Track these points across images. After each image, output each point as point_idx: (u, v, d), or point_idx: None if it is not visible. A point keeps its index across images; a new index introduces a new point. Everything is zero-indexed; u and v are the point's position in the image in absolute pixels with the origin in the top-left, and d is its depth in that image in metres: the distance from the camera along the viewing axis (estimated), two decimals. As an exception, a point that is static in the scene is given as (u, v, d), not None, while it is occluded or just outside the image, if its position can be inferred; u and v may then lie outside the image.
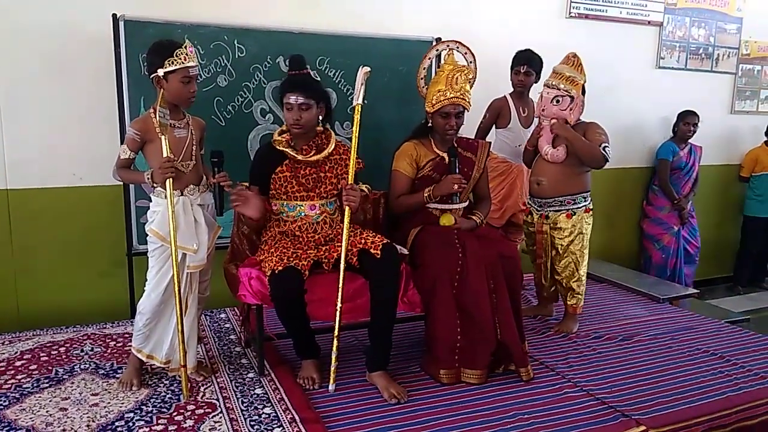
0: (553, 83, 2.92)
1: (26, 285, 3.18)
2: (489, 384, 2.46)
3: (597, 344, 2.91)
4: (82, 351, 2.72)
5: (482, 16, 4.06)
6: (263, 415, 2.19)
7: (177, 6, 3.22)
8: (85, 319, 3.12)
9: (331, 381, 2.38)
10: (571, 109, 2.91)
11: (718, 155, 5.19)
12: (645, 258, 4.83)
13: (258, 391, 2.38)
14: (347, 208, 2.37)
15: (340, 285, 2.33)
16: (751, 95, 5.27)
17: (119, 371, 2.50)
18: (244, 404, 2.27)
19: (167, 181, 2.19)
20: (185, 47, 2.24)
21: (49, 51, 3.05)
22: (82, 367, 2.56)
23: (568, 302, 3.09)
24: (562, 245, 3.00)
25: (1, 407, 2.20)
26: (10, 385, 2.38)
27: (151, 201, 2.38)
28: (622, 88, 4.64)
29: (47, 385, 2.39)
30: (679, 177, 4.66)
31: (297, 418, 2.16)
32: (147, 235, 2.34)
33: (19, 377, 2.45)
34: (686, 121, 4.59)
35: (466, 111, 2.65)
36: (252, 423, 2.14)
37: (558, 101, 2.91)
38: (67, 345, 2.77)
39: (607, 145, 2.90)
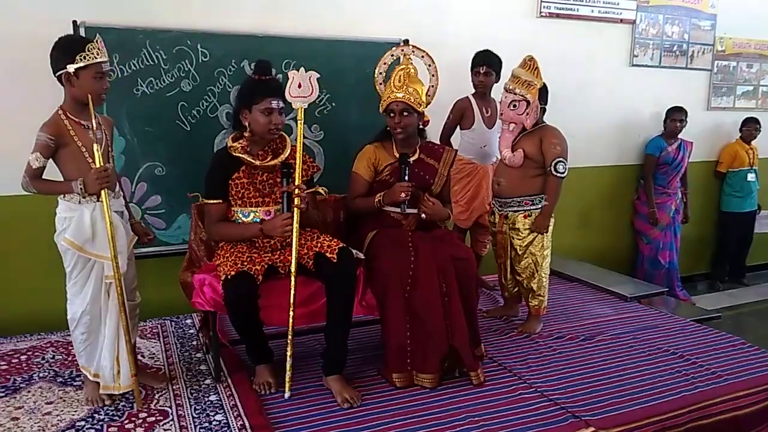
0: (510, 87, 2.93)
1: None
2: (443, 387, 2.47)
3: (558, 344, 2.93)
4: (43, 359, 2.73)
5: (452, 16, 4.05)
6: (214, 422, 2.21)
7: (138, 12, 3.21)
8: (54, 326, 3.12)
9: (287, 388, 2.39)
10: (527, 114, 2.91)
11: (695, 152, 5.18)
12: (637, 254, 4.88)
13: (212, 397, 2.39)
14: (296, 211, 2.37)
15: (292, 289, 2.34)
16: (727, 91, 5.28)
17: (77, 379, 2.50)
18: (197, 411, 2.28)
19: (103, 190, 2.14)
20: (97, 42, 2.17)
21: (11, 58, 3.04)
22: (41, 375, 2.57)
23: (530, 303, 3.10)
24: (520, 245, 3.02)
25: (-47, 417, 2.22)
26: (-35, 395, 2.39)
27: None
28: (596, 87, 4.64)
29: (3, 394, 2.40)
30: (667, 172, 4.69)
31: (247, 424, 2.17)
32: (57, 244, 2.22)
33: (-25, 386, 2.46)
34: (673, 117, 4.64)
35: (413, 110, 2.64)
36: (201, 430, 2.15)
37: (515, 106, 2.92)
38: (30, 353, 2.78)
39: (560, 160, 2.91)
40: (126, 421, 2.20)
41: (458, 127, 3.60)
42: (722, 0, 5.06)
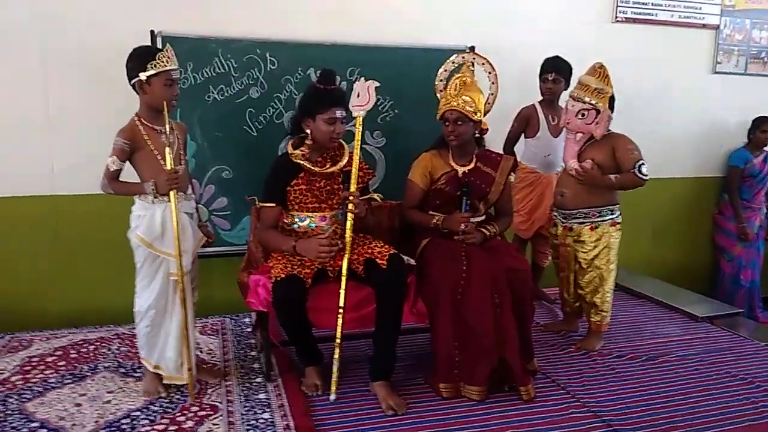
0: (579, 95, 2.81)
1: (70, 285, 3.40)
2: (491, 400, 2.43)
3: (617, 364, 2.81)
4: (109, 350, 2.89)
5: (522, 22, 3.97)
6: (260, 420, 2.26)
7: (211, 22, 3.35)
8: (122, 319, 3.30)
9: (332, 390, 2.42)
10: (597, 123, 2.80)
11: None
12: (717, 272, 4.60)
13: (261, 396, 2.45)
14: (349, 216, 2.40)
15: (342, 293, 2.37)
16: (820, 100, 4.89)
17: (138, 370, 2.63)
18: (246, 408, 2.35)
19: (172, 191, 2.26)
20: (167, 50, 2.29)
21: (94, 67, 3.24)
22: (105, 365, 2.72)
23: (591, 319, 2.99)
24: (585, 259, 2.91)
25: (25, 400, 2.38)
26: (37, 380, 2.56)
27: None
28: (675, 95, 4.43)
29: (70, 381, 2.56)
30: (752, 185, 4.43)
31: (291, 424, 2.21)
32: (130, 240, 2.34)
33: (47, 372, 2.63)
34: (763, 128, 4.38)
35: (468, 118, 2.61)
36: (248, 427, 2.21)
37: (583, 115, 2.81)
38: (98, 344, 2.96)
39: (642, 162, 2.78)
40: (178, 414, 2.29)
41: (523, 136, 3.54)
42: (818, 2, 4.71)
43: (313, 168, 2.51)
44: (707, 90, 4.53)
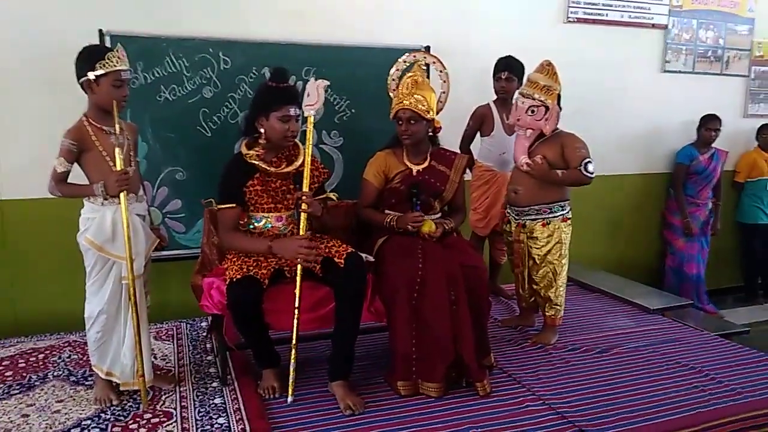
0: (528, 92, 2.85)
1: (21, 292, 3.29)
2: (449, 396, 2.44)
3: (572, 356, 2.86)
4: (59, 358, 2.80)
5: (477, 24, 4.02)
6: (216, 425, 2.22)
7: (162, 21, 3.28)
8: (73, 326, 3.21)
9: (290, 392, 2.40)
10: (546, 120, 2.85)
11: (731, 160, 5.01)
12: (663, 265, 4.71)
13: (217, 400, 2.42)
14: (303, 216, 2.38)
15: (298, 293, 2.35)
16: (765, 98, 5.08)
17: (90, 378, 2.56)
18: (201, 414, 2.31)
19: (122, 193, 2.21)
20: (117, 50, 2.24)
21: (39, 65, 3.14)
22: (56, 374, 2.64)
23: (546, 313, 3.04)
24: (539, 255, 2.96)
25: (-32, 412, 2.29)
26: (-18, 391, 2.47)
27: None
28: (626, 93, 4.54)
29: (17, 391, 2.47)
30: (697, 181, 4.52)
31: (248, 428, 2.18)
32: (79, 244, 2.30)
33: (-7, 383, 2.54)
34: (708, 126, 4.47)
35: (421, 117, 2.62)
36: (202, 432, 2.18)
37: (533, 111, 2.85)
38: (47, 352, 2.87)
39: (588, 160, 2.83)
40: (131, 422, 2.24)
41: (479, 134, 3.58)
42: (761, 4, 4.89)
43: (268, 168, 2.48)
44: (657, 88, 4.66)
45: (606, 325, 3.29)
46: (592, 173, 2.83)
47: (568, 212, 2.97)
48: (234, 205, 2.48)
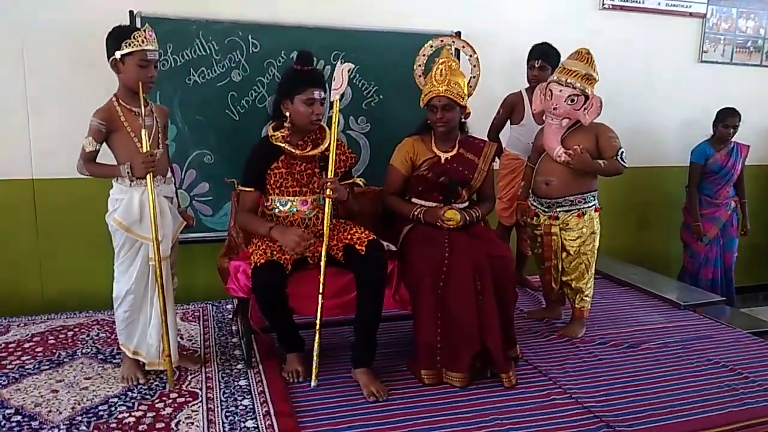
0: (568, 81, 2.76)
1: (50, 270, 3.34)
2: (473, 387, 2.42)
3: (599, 350, 2.81)
4: (88, 336, 2.85)
5: (509, 8, 3.95)
6: (240, 407, 2.24)
7: (192, 2, 3.28)
8: (101, 305, 3.25)
9: (313, 376, 2.40)
10: (585, 109, 2.78)
11: (762, 155, 4.86)
12: (681, 267, 4.45)
13: (242, 382, 2.43)
14: (328, 201, 2.37)
15: (321, 279, 2.34)
16: (807, 90, 4.91)
17: (117, 356, 2.59)
18: (225, 395, 2.32)
19: (148, 174, 2.22)
20: (144, 30, 2.24)
21: (70, 45, 3.17)
22: (84, 351, 2.68)
23: (576, 305, 2.99)
24: (573, 247, 2.90)
25: (0, 386, 2.34)
26: (13, 366, 2.52)
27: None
28: (660, 83, 4.44)
29: (47, 367, 2.52)
30: (714, 181, 4.17)
31: (272, 410, 2.19)
32: (108, 224, 2.32)
33: (24, 358, 2.59)
34: (726, 123, 4.09)
35: (456, 104, 2.58)
36: (227, 413, 2.19)
37: (573, 100, 2.76)
38: (76, 330, 2.91)
39: (623, 150, 2.79)
40: (157, 400, 2.26)
41: (508, 122, 3.52)
42: (805, -8, 4.73)
43: (293, 151, 2.47)
44: (693, 79, 4.54)
45: (635, 319, 3.23)
46: (626, 164, 2.78)
47: (597, 202, 2.92)
48: (253, 189, 2.50)
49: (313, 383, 2.40)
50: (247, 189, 2.51)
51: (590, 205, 2.89)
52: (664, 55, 4.43)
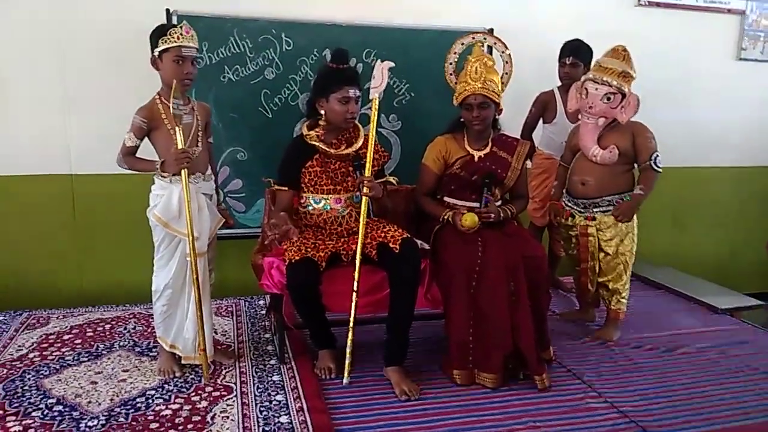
0: (604, 79, 2.71)
1: (88, 264, 3.42)
2: (506, 388, 2.40)
3: (635, 354, 2.77)
4: (125, 329, 2.90)
5: (542, 5, 3.90)
6: (274, 402, 2.26)
7: (227, 1, 3.31)
8: (138, 298, 3.31)
9: (345, 374, 2.41)
10: (622, 108, 2.74)
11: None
12: None
13: (275, 378, 2.45)
14: (364, 199, 2.38)
15: (356, 277, 2.35)
16: None
17: (154, 349, 2.64)
18: (259, 390, 2.35)
19: (183, 171, 2.24)
20: (180, 27, 2.26)
21: (108, 44, 3.23)
22: (122, 344, 2.73)
23: (612, 306, 2.94)
24: (611, 247, 2.85)
25: (42, 376, 2.40)
26: (54, 357, 2.58)
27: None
28: (697, 82, 4.34)
29: (86, 359, 2.57)
30: None
31: (305, 406, 2.21)
32: (149, 219, 2.35)
33: (63, 350, 2.66)
34: None
35: (492, 102, 2.56)
36: (261, 408, 2.21)
37: (609, 99, 2.72)
38: (113, 322, 2.97)
39: (657, 154, 2.76)
40: (192, 394, 2.30)
41: (541, 121, 3.49)
42: None
43: (328, 150, 2.49)
44: (731, 77, 4.43)
45: (671, 323, 3.18)
46: (660, 168, 2.73)
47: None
48: (287, 188, 2.53)
49: (345, 380, 2.41)
50: (282, 188, 2.53)
51: (628, 204, 2.84)
52: (701, 52, 4.33)
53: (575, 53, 3.26)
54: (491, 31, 3.52)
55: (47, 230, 3.34)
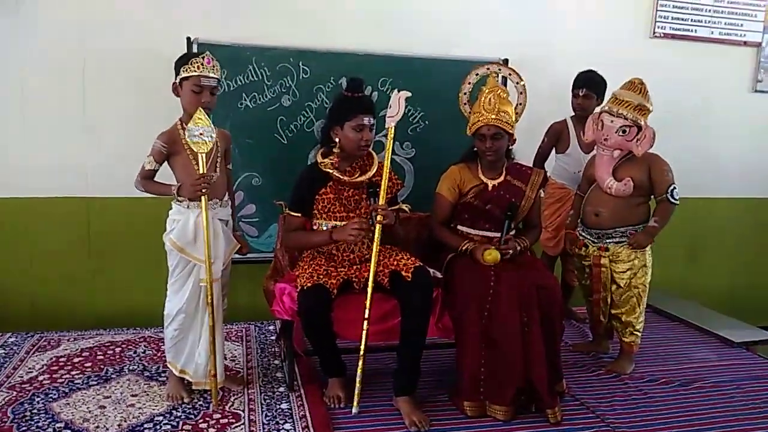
0: (620, 112, 2.71)
1: (100, 286, 3.44)
2: (517, 421, 2.36)
3: (649, 388, 2.72)
4: (134, 353, 2.90)
5: (558, 36, 3.93)
6: (282, 430, 2.24)
7: (246, 30, 3.37)
8: (148, 322, 3.32)
9: (355, 403, 2.39)
10: (638, 140, 2.73)
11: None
12: None
13: (284, 405, 2.44)
14: (377, 227, 2.38)
15: (367, 305, 2.34)
16: None
17: (163, 374, 2.64)
18: (268, 418, 2.33)
19: (203, 197, 2.26)
20: (202, 57, 2.31)
21: (127, 70, 3.30)
22: (131, 368, 2.73)
23: (625, 339, 2.90)
24: (623, 279, 2.83)
25: (51, 400, 2.40)
26: (64, 380, 2.59)
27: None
28: (713, 113, 4.34)
29: (95, 383, 2.57)
30: None
31: (313, 436, 2.19)
32: (164, 243, 2.37)
33: (73, 373, 2.66)
34: None
35: (505, 132, 2.57)
36: (269, 437, 2.19)
37: (624, 131, 2.71)
38: (124, 346, 2.98)
39: (674, 186, 2.75)
40: (200, 420, 2.28)
41: (554, 151, 3.49)
42: None
43: (342, 177, 2.50)
44: (747, 108, 4.42)
45: (686, 356, 3.13)
46: (677, 200, 2.72)
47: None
48: (299, 214, 2.55)
49: (354, 410, 2.38)
50: (294, 214, 2.55)
51: (642, 237, 2.82)
52: (717, 83, 4.33)
53: (588, 85, 3.28)
54: (506, 61, 3.55)
55: (61, 252, 3.37)
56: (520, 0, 3.85)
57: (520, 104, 2.82)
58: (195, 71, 2.29)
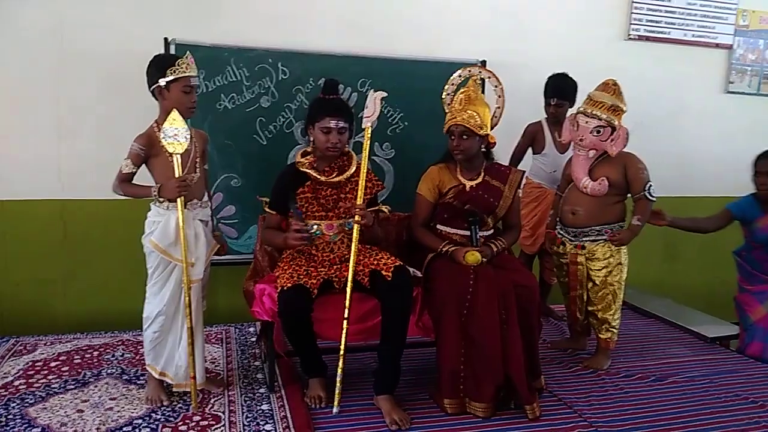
0: (594, 112, 2.76)
1: (77, 289, 3.40)
2: (497, 418, 2.39)
3: (625, 383, 2.77)
4: (113, 356, 2.88)
5: (535, 38, 3.98)
6: (263, 431, 2.23)
7: (225, 31, 3.37)
8: (127, 325, 3.29)
9: (335, 403, 2.39)
10: (612, 140, 2.78)
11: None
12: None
13: (264, 407, 2.43)
14: (355, 227, 2.39)
15: (347, 304, 2.35)
16: (836, 123, 4.85)
17: (142, 377, 2.62)
18: (248, 419, 2.32)
19: (179, 198, 2.26)
20: (186, 57, 2.31)
21: (103, 71, 3.27)
22: (109, 371, 2.71)
23: (602, 336, 2.95)
24: (599, 277, 2.87)
25: (27, 405, 2.37)
26: (40, 384, 2.55)
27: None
28: (686, 114, 4.42)
29: (73, 386, 2.54)
30: (762, 255, 3.19)
31: (294, 436, 2.19)
32: (143, 245, 2.36)
33: (50, 377, 2.63)
34: (765, 169, 3.08)
35: (473, 133, 2.57)
36: (250, 439, 2.19)
37: (599, 131, 2.77)
38: (101, 349, 2.95)
39: (651, 184, 2.81)
40: (180, 423, 2.27)
41: (530, 151, 3.53)
42: (834, 24, 4.69)
43: (319, 177, 2.51)
44: (719, 109, 4.51)
45: (661, 352, 3.19)
46: (654, 197, 2.77)
47: (624, 233, 2.90)
48: (274, 212, 2.59)
49: (335, 409, 2.39)
50: (270, 211, 2.59)
51: (618, 235, 2.87)
52: (690, 85, 4.42)
53: (558, 94, 3.34)
54: (484, 63, 3.59)
55: (37, 255, 3.32)
56: (497, 1, 3.89)
57: (498, 107, 2.84)
58: (184, 72, 2.29)
